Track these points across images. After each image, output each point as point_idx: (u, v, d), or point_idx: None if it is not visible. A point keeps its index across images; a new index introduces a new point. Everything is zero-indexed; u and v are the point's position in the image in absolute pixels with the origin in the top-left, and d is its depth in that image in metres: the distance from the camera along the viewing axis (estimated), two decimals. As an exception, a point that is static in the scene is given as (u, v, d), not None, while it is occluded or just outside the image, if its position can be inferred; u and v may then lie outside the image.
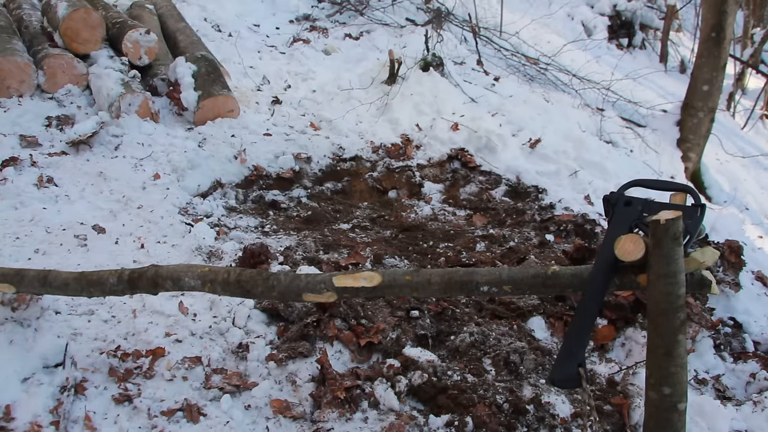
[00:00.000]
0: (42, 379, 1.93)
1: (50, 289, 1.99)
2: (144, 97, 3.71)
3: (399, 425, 1.90)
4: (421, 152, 4.14)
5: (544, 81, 6.12)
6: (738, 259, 2.75)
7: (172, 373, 2.04)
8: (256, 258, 2.68)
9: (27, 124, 3.47)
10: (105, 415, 1.87)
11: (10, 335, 2.03)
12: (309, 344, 2.21)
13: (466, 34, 6.59)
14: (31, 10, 4.47)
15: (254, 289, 1.79)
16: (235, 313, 2.35)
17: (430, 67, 4.89)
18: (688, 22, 9.70)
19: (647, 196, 1.69)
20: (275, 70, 5.03)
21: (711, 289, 1.53)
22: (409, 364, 2.14)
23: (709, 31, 5.38)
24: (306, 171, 3.86)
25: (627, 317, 2.41)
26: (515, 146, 4.21)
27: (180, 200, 3.21)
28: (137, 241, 2.81)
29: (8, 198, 2.90)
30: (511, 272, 1.64)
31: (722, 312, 2.65)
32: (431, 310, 2.45)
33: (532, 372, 2.19)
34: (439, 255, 2.99)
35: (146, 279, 1.89)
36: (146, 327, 2.23)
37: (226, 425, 1.88)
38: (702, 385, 2.24)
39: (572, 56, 6.74)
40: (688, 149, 5.63)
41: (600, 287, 1.54)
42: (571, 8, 8.36)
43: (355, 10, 6.55)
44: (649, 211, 1.58)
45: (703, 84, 5.49)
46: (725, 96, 7.85)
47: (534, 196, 3.76)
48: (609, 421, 2.01)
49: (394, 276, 1.70)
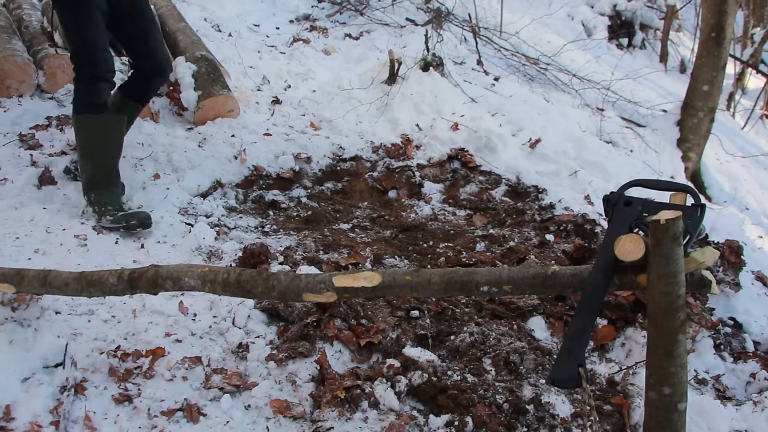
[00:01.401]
0: (42, 379, 1.93)
1: (50, 289, 1.99)
2: (144, 97, 3.71)
3: (399, 425, 1.90)
4: (421, 152, 4.14)
5: (544, 81, 6.12)
6: (738, 259, 2.75)
7: (172, 373, 2.04)
8: (256, 258, 2.68)
9: (27, 124, 3.47)
10: (105, 415, 1.87)
11: (10, 335, 2.03)
12: (309, 344, 2.21)
13: (466, 34, 6.59)
14: (31, 10, 4.47)
15: (254, 289, 1.79)
16: (235, 313, 2.35)
17: (430, 67, 4.89)
18: (688, 22, 9.70)
19: (647, 196, 1.69)
20: (275, 70, 5.03)
21: (711, 289, 1.53)
22: (409, 364, 2.14)
23: (709, 31, 5.38)
24: (306, 171, 3.86)
25: (627, 317, 2.41)
26: (515, 146, 4.21)
27: (180, 200, 3.21)
28: (137, 241, 2.81)
29: (8, 198, 2.90)
30: (511, 272, 1.64)
31: (722, 312, 2.65)
32: (431, 310, 2.45)
33: (532, 372, 2.19)
34: (439, 255, 2.99)
35: (146, 279, 1.89)
36: (146, 327, 2.23)
37: (226, 425, 1.88)
38: (702, 385, 2.24)
39: (572, 56, 6.74)
40: (688, 149, 5.63)
41: (600, 287, 1.54)
42: (571, 8, 8.36)
43: (355, 10, 6.55)
44: (649, 211, 1.58)
45: (703, 84, 5.49)
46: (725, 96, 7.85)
47: (534, 196, 3.76)
48: (609, 421, 2.01)
49: (394, 276, 1.70)
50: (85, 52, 2.78)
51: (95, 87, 2.83)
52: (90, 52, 2.78)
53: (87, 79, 2.82)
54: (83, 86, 2.85)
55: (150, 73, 3.04)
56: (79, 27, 2.76)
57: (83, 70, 2.81)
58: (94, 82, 2.82)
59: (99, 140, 2.89)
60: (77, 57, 2.80)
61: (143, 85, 3.08)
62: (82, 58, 2.79)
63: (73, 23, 2.77)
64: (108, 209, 2.83)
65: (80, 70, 2.82)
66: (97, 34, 2.78)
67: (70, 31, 2.81)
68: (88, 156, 2.88)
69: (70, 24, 2.79)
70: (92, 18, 2.75)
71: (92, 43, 2.78)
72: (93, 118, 2.86)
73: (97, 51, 2.79)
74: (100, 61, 2.79)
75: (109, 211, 2.83)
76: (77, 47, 2.80)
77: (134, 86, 3.07)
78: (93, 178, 2.88)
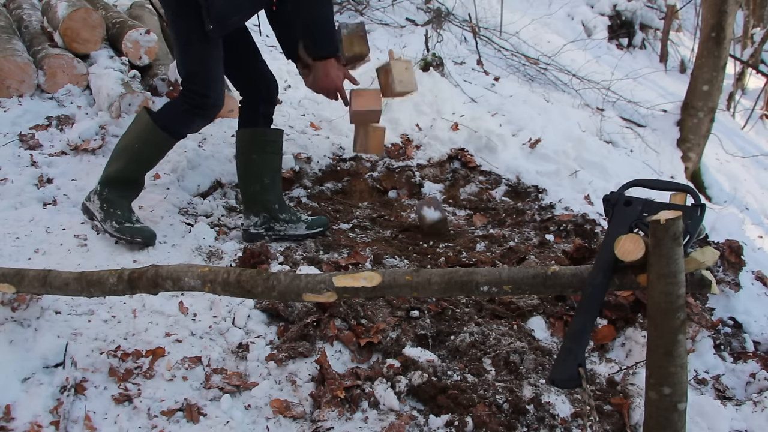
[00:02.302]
0: (42, 379, 1.93)
1: (50, 289, 1.99)
2: (144, 97, 3.71)
3: (399, 425, 1.90)
4: (421, 152, 4.14)
5: (544, 81, 6.12)
6: (738, 259, 2.75)
7: (172, 373, 2.04)
8: (256, 258, 2.68)
9: (27, 124, 3.47)
10: (105, 415, 1.87)
11: (10, 335, 2.03)
12: (309, 344, 2.21)
13: (466, 34, 6.59)
14: (31, 10, 4.47)
15: (254, 289, 1.79)
16: (235, 313, 2.35)
17: (430, 67, 4.89)
18: (688, 22, 9.70)
19: (647, 196, 1.69)
20: (275, 70, 5.00)
21: (711, 289, 1.53)
22: (409, 364, 2.14)
23: (709, 31, 5.38)
24: (306, 171, 3.86)
25: (627, 317, 2.41)
26: (515, 146, 4.20)
27: (180, 200, 3.21)
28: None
29: (8, 198, 2.90)
30: (511, 272, 1.64)
31: (722, 312, 2.65)
32: (431, 310, 2.45)
33: (532, 372, 2.19)
34: (439, 255, 2.99)
35: (146, 279, 1.89)
36: (146, 327, 2.23)
37: (226, 425, 1.88)
38: (702, 385, 2.24)
39: (572, 56, 6.74)
40: (688, 149, 5.63)
41: (600, 287, 1.54)
42: (571, 8, 8.36)
43: (355, 10, 6.55)
44: (649, 211, 1.58)
45: (703, 84, 5.49)
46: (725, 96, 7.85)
47: (534, 196, 3.76)
48: (609, 421, 2.01)
49: (394, 276, 1.70)
50: (203, 79, 2.59)
51: (196, 119, 2.70)
52: (208, 79, 2.59)
53: (194, 107, 2.64)
54: (185, 112, 2.67)
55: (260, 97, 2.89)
56: (202, 52, 2.54)
57: (194, 96, 2.62)
58: (199, 113, 2.67)
59: (149, 152, 2.77)
60: (191, 82, 2.61)
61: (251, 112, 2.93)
62: (197, 84, 2.60)
63: (195, 43, 2.53)
64: (117, 214, 2.72)
65: (190, 95, 2.62)
66: (219, 64, 2.61)
67: (188, 51, 2.59)
68: (127, 155, 2.74)
69: (190, 42, 2.55)
70: (217, 44, 2.56)
71: (211, 70, 2.60)
72: (161, 137, 2.72)
73: (215, 81, 2.62)
74: (215, 91, 2.62)
75: (116, 217, 2.72)
76: (194, 73, 2.60)
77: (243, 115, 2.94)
78: (118, 176, 2.75)
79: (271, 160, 2.98)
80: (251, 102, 2.96)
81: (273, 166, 3.00)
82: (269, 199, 2.97)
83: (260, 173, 2.95)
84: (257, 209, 2.97)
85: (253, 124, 2.96)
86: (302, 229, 3.00)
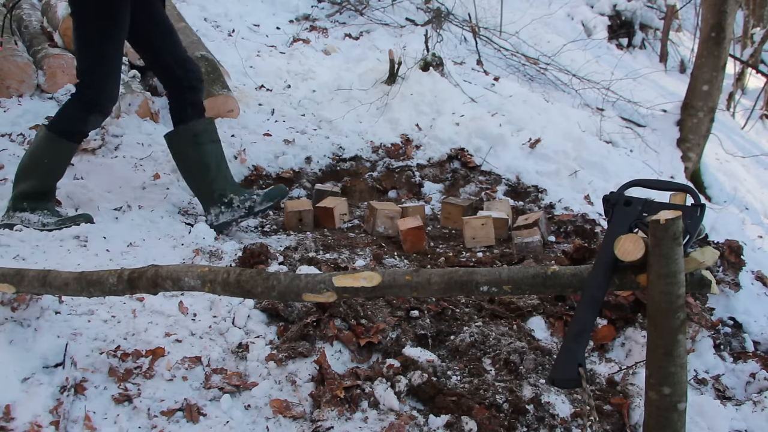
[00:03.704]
0: (42, 379, 1.93)
1: (50, 289, 1.99)
2: (144, 97, 3.71)
3: (399, 425, 1.90)
4: (421, 152, 4.14)
5: (544, 81, 6.12)
6: (738, 259, 2.75)
7: (171, 373, 2.04)
8: (256, 258, 2.68)
9: (27, 124, 3.47)
10: (105, 415, 1.87)
11: (9, 335, 2.03)
12: (309, 344, 2.20)
13: (466, 34, 6.59)
14: (31, 10, 4.47)
15: (254, 289, 1.79)
16: (234, 312, 2.35)
17: (429, 67, 4.89)
18: (688, 22, 9.70)
19: (647, 196, 1.69)
20: (275, 70, 5.03)
21: (711, 289, 1.53)
22: (409, 364, 2.14)
23: (709, 31, 5.38)
24: (306, 171, 3.86)
25: (627, 317, 2.41)
26: (515, 146, 4.21)
27: (180, 200, 3.21)
28: (137, 240, 2.81)
29: (8, 198, 2.89)
30: (511, 272, 1.64)
31: (722, 312, 2.65)
32: (431, 310, 2.45)
33: (532, 372, 2.19)
34: (439, 255, 2.99)
35: (146, 279, 1.89)
36: (146, 327, 2.23)
37: (226, 425, 1.88)
38: (702, 385, 2.24)
39: (572, 56, 6.74)
40: (688, 149, 5.63)
41: (600, 287, 1.54)
42: (571, 8, 8.35)
43: (355, 10, 6.55)
44: (649, 211, 1.58)
45: (703, 84, 5.49)
46: (725, 96, 7.86)
47: (534, 196, 3.76)
48: (609, 421, 2.01)
49: (394, 276, 1.70)
50: (97, 74, 2.55)
51: (88, 117, 2.65)
52: (101, 75, 2.55)
53: (84, 104, 2.61)
54: (76, 110, 2.63)
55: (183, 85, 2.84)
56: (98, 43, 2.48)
57: (85, 92, 2.60)
58: (90, 110, 2.63)
59: (56, 163, 2.73)
60: (85, 76, 2.58)
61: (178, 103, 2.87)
62: (89, 79, 2.58)
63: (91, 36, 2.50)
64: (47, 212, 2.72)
65: (82, 90, 2.60)
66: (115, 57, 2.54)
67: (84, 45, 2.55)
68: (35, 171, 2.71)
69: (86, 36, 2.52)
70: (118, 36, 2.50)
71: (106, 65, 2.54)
72: (64, 145, 2.68)
73: (108, 77, 2.56)
74: (106, 90, 2.57)
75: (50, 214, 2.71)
76: (88, 66, 2.56)
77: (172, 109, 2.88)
78: (32, 192, 2.72)
79: (208, 150, 2.94)
80: (175, 92, 2.91)
81: (213, 155, 2.96)
82: (220, 187, 2.94)
83: (201, 166, 2.93)
84: (213, 201, 2.96)
85: (182, 116, 2.91)
86: (266, 203, 2.98)
